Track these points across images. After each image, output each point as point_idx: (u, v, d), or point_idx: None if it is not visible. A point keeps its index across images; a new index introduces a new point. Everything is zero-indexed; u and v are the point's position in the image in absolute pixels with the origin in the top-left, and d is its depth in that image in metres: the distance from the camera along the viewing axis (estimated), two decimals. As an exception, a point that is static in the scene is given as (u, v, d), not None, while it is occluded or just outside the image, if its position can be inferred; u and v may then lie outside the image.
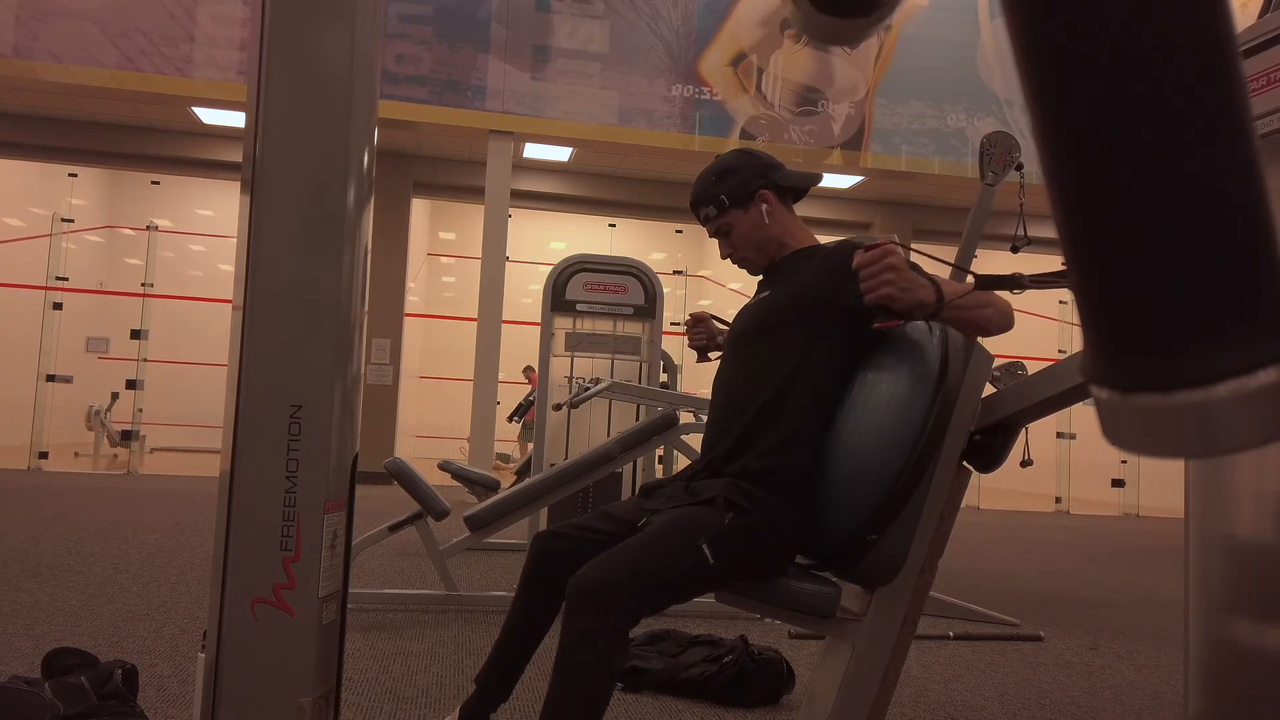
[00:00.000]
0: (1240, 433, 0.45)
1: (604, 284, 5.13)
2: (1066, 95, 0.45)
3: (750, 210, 1.83)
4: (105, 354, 10.24)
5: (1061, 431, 10.73)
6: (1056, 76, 0.46)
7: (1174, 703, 2.79)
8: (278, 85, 1.31)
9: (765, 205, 1.83)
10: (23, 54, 7.72)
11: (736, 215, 1.83)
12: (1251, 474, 1.94)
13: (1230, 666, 1.95)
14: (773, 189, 1.84)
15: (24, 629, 2.86)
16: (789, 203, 1.88)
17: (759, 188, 1.82)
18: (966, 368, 1.54)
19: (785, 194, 1.86)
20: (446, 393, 13.47)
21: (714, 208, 1.84)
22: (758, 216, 1.83)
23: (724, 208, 1.83)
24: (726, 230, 1.85)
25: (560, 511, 4.43)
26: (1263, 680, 1.86)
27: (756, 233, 1.84)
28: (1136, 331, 0.47)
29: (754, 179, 1.82)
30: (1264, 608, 1.88)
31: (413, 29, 8.28)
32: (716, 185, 1.83)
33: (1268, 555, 1.90)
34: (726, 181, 1.83)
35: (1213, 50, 0.44)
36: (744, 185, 1.82)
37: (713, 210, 1.84)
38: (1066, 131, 0.46)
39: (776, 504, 1.62)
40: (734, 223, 1.84)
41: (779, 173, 1.86)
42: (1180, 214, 0.44)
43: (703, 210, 1.86)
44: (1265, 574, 1.90)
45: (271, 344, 1.31)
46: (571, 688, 1.46)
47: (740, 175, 1.83)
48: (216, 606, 1.29)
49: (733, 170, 1.84)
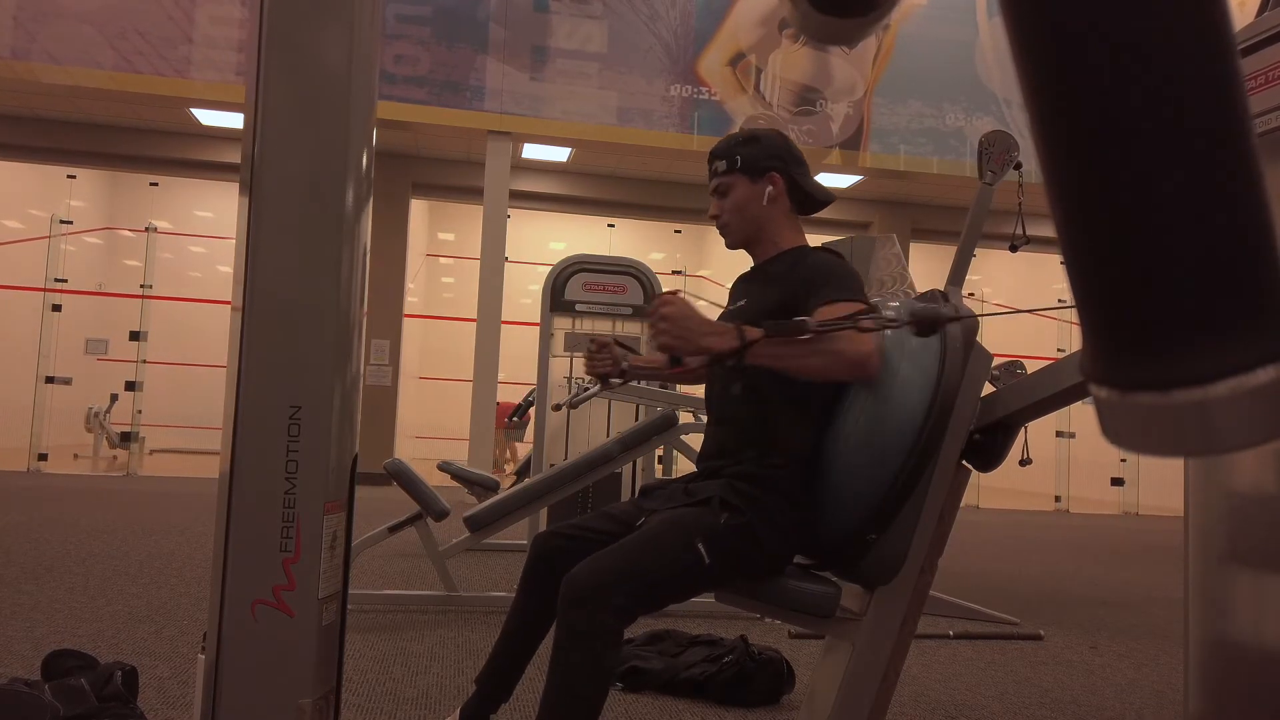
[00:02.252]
0: (1239, 431, 0.45)
1: (603, 284, 5.13)
2: (1065, 95, 0.45)
3: (756, 184, 1.82)
4: (104, 356, 10.23)
5: (1061, 430, 10.73)
6: (1055, 76, 0.46)
7: (1174, 701, 2.79)
8: (276, 86, 1.31)
9: (771, 188, 1.82)
10: (21, 56, 7.72)
11: (740, 181, 1.83)
12: (1251, 473, 1.94)
13: (1230, 665, 1.95)
14: (785, 179, 1.83)
15: (24, 631, 2.85)
16: (794, 201, 1.87)
17: (774, 168, 1.82)
18: (965, 367, 1.54)
19: (795, 191, 1.85)
20: (446, 393, 13.46)
21: (725, 163, 1.84)
22: (758, 193, 1.82)
23: (734, 167, 1.83)
24: (725, 190, 1.84)
25: (560, 512, 4.43)
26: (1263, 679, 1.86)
27: (750, 207, 1.83)
28: (1135, 330, 0.47)
29: (773, 159, 1.82)
30: (1263, 607, 1.88)
31: (411, 29, 8.28)
32: (739, 146, 1.84)
33: (1267, 555, 1.90)
34: (749, 147, 1.83)
35: (1211, 49, 0.44)
36: (762, 157, 1.82)
37: (723, 165, 1.84)
38: (1065, 131, 0.46)
39: (773, 504, 1.62)
40: (735, 185, 1.83)
41: (800, 169, 1.85)
42: (1179, 213, 0.44)
43: (716, 163, 1.86)
44: (1265, 573, 1.90)
45: (271, 345, 1.31)
46: (566, 687, 1.46)
47: (764, 148, 1.83)
48: (216, 608, 1.29)
49: (759, 140, 1.84)
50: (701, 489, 1.68)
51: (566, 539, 1.77)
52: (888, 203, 10.76)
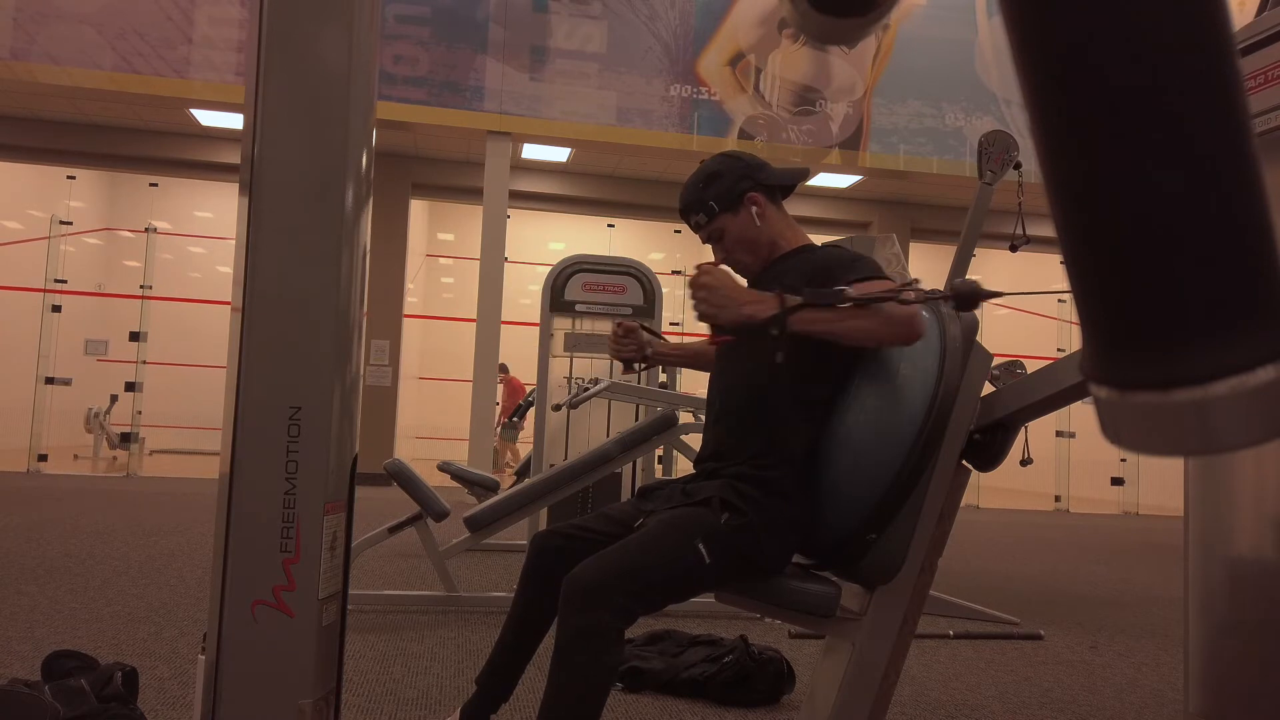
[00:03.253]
0: (1239, 430, 0.45)
1: (603, 284, 5.13)
2: (1065, 96, 0.45)
3: (740, 214, 1.80)
4: (104, 356, 10.24)
5: (1061, 430, 10.73)
6: (1055, 77, 0.46)
7: (1174, 700, 2.79)
8: (276, 87, 1.31)
9: (755, 207, 1.80)
10: (20, 56, 7.72)
11: (727, 220, 1.81)
12: (1251, 473, 1.94)
13: (1230, 664, 1.95)
14: (761, 190, 1.82)
15: (24, 632, 2.85)
16: (778, 201, 1.86)
17: (746, 190, 1.80)
18: (965, 366, 1.54)
19: (774, 193, 1.84)
20: (446, 394, 13.46)
21: (704, 214, 1.81)
22: (748, 219, 1.81)
23: (714, 213, 1.81)
24: (719, 235, 1.83)
25: (560, 512, 4.42)
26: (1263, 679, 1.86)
27: (749, 234, 1.82)
28: (1135, 330, 0.47)
29: (740, 181, 1.80)
30: (1263, 606, 1.88)
31: (410, 30, 8.28)
32: (704, 191, 1.81)
33: (1266, 554, 1.90)
34: (713, 186, 1.80)
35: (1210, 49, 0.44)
36: (731, 189, 1.80)
37: (703, 217, 1.82)
38: (1065, 131, 0.46)
39: (772, 504, 1.62)
40: (725, 227, 1.81)
41: (765, 172, 1.83)
42: (1179, 213, 0.44)
43: (693, 218, 1.84)
44: (1264, 572, 1.90)
45: (270, 346, 1.31)
46: (567, 687, 1.46)
47: (726, 179, 1.80)
48: (216, 608, 1.29)
49: (718, 175, 1.81)
50: (701, 489, 1.68)
51: (566, 539, 1.77)
52: (887, 202, 10.76)
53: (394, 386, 9.69)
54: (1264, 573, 1.90)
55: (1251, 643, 1.90)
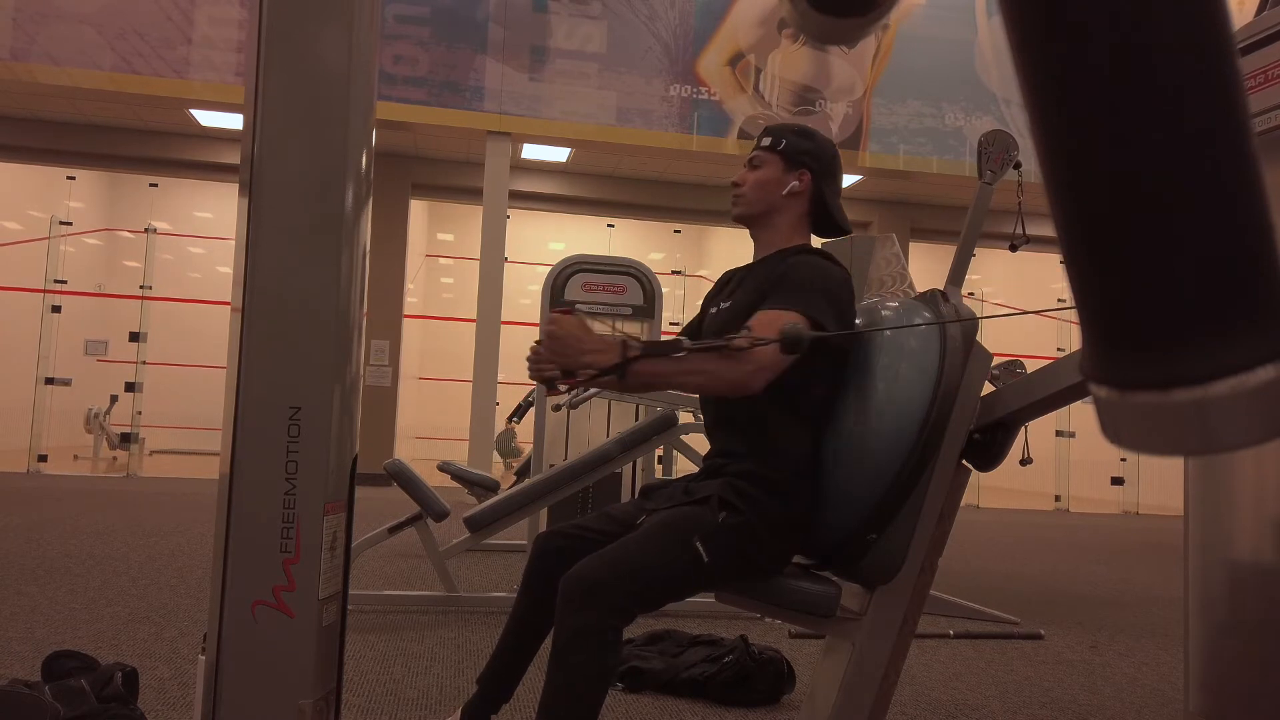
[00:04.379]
0: (1239, 430, 0.45)
1: (602, 284, 5.13)
2: (1065, 96, 0.45)
3: (786, 173, 1.84)
4: (104, 357, 10.23)
5: (1061, 430, 10.73)
6: (1055, 77, 0.46)
7: (1174, 700, 2.79)
8: (275, 87, 1.31)
9: (796, 183, 1.84)
10: (20, 57, 7.72)
11: (774, 161, 1.85)
12: (1251, 473, 1.94)
13: (1230, 664, 1.95)
14: (814, 184, 1.85)
15: (24, 632, 2.85)
16: (813, 211, 1.87)
17: (809, 167, 1.84)
18: (965, 367, 1.54)
19: (817, 202, 1.86)
20: (446, 394, 13.46)
21: (771, 140, 1.86)
22: (785, 181, 1.84)
23: (775, 148, 1.85)
24: (758, 164, 1.87)
25: (560, 512, 4.43)
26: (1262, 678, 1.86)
27: (772, 188, 1.84)
28: (1135, 329, 0.47)
29: (814, 159, 1.84)
30: (1263, 606, 1.88)
31: (410, 30, 8.28)
32: (790, 133, 1.87)
33: (1266, 554, 1.90)
34: (799, 139, 1.86)
35: (1210, 48, 0.44)
36: (805, 152, 1.84)
37: (768, 141, 1.87)
38: (1065, 131, 0.46)
39: (771, 504, 1.62)
40: (767, 163, 1.85)
41: (832, 184, 1.87)
42: (1178, 213, 0.44)
43: (765, 138, 1.89)
44: (1264, 572, 1.90)
45: (270, 346, 1.31)
46: (566, 686, 1.46)
47: (810, 145, 1.85)
48: (216, 609, 1.29)
49: (811, 138, 1.87)
50: (701, 488, 1.69)
51: (567, 539, 1.77)
52: (887, 202, 10.76)
53: (394, 387, 9.69)
54: (1264, 573, 1.90)
55: (1251, 643, 1.90)
